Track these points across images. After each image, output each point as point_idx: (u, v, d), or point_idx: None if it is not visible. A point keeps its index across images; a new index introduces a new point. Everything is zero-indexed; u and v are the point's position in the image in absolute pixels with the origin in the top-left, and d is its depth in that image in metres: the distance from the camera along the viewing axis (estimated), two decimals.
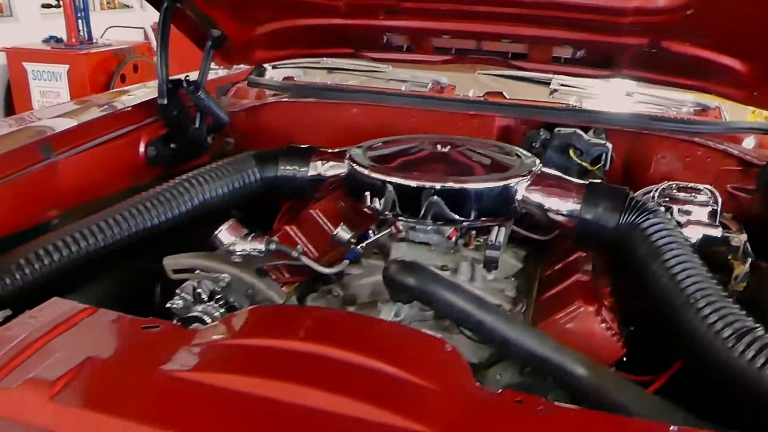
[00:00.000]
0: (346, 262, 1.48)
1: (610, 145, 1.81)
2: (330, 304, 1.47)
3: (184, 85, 1.88)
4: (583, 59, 1.82)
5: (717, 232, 1.50)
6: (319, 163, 1.67)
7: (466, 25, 1.72)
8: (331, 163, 1.66)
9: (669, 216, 1.43)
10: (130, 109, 1.88)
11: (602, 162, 1.81)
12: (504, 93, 2.15)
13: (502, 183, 1.43)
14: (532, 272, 1.57)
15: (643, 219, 1.35)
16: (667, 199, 1.57)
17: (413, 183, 1.41)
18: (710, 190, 1.61)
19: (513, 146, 1.68)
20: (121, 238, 1.44)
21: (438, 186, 1.40)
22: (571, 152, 1.80)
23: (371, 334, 1.01)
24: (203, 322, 1.22)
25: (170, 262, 1.33)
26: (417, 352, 0.95)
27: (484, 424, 0.80)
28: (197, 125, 1.99)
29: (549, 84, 2.12)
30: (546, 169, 1.53)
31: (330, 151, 1.68)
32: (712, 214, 1.55)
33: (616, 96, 2.03)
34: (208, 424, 0.78)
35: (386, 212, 1.47)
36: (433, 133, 1.80)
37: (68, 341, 0.92)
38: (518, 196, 1.45)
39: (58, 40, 5.96)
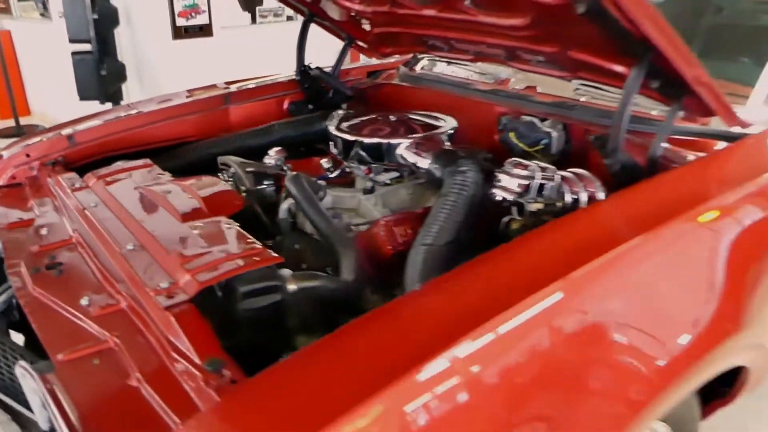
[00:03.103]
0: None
1: (555, 134, 2.21)
2: None
3: (310, 68, 3.00)
4: (544, 62, 2.24)
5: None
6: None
7: (450, 33, 2.36)
8: None
9: (479, 172, 1.92)
10: (285, 80, 3.09)
11: (541, 146, 2.23)
12: (537, 87, 2.60)
13: (382, 141, 2.15)
14: None
15: (456, 171, 1.92)
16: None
17: (345, 136, 2.26)
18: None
19: (452, 119, 2.31)
20: (233, 148, 2.67)
21: (351, 138, 2.21)
22: (511, 135, 2.28)
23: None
24: None
25: (221, 159, 2.47)
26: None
27: None
28: (331, 96, 3.09)
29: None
30: (439, 137, 2.16)
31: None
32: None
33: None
34: None
35: (339, 155, 2.35)
36: (454, 113, 2.50)
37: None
38: (398, 151, 2.14)
39: None
